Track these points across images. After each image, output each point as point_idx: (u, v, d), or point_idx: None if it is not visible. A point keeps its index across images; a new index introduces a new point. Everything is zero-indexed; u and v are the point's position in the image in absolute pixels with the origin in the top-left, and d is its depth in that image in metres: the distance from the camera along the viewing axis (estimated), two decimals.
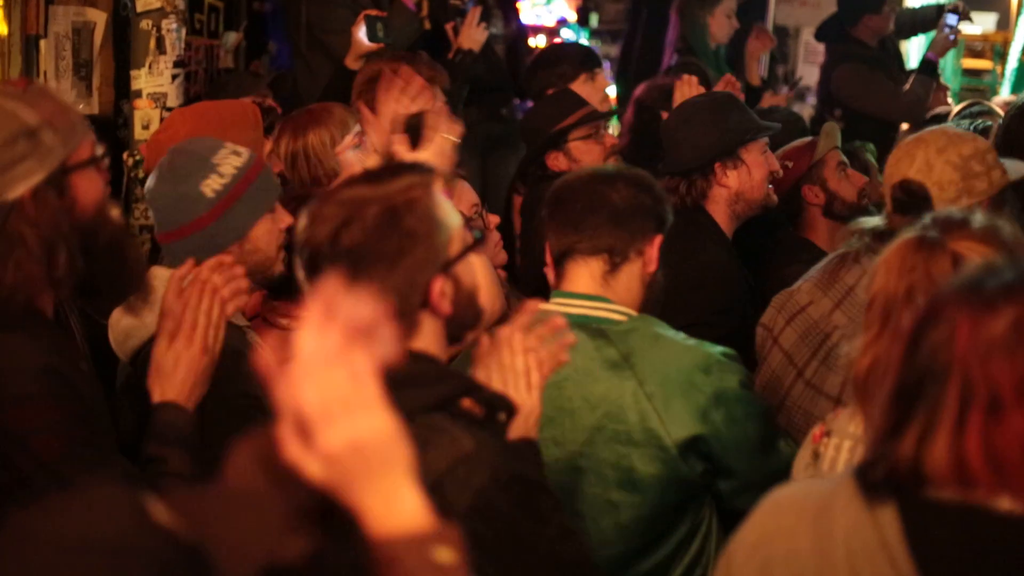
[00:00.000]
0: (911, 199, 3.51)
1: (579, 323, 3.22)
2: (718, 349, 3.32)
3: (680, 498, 3.31)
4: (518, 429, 2.70)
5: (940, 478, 1.86)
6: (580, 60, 5.95)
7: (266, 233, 3.41)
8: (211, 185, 3.29)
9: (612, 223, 3.33)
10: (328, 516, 1.72)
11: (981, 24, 11.68)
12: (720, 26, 7.47)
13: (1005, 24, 10.56)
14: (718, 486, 3.33)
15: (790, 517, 2.08)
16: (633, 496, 3.26)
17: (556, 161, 5.17)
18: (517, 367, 2.71)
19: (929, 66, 7.83)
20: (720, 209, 4.51)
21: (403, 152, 3.28)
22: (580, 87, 5.70)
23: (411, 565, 1.65)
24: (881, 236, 3.51)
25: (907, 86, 7.73)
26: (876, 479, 1.94)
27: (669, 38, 7.53)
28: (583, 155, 5.15)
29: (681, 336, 3.34)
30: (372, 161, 3.97)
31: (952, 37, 7.83)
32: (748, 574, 2.09)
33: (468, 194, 4.12)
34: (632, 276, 3.34)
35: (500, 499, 2.45)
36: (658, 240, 3.35)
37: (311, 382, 1.63)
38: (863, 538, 1.94)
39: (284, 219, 3.43)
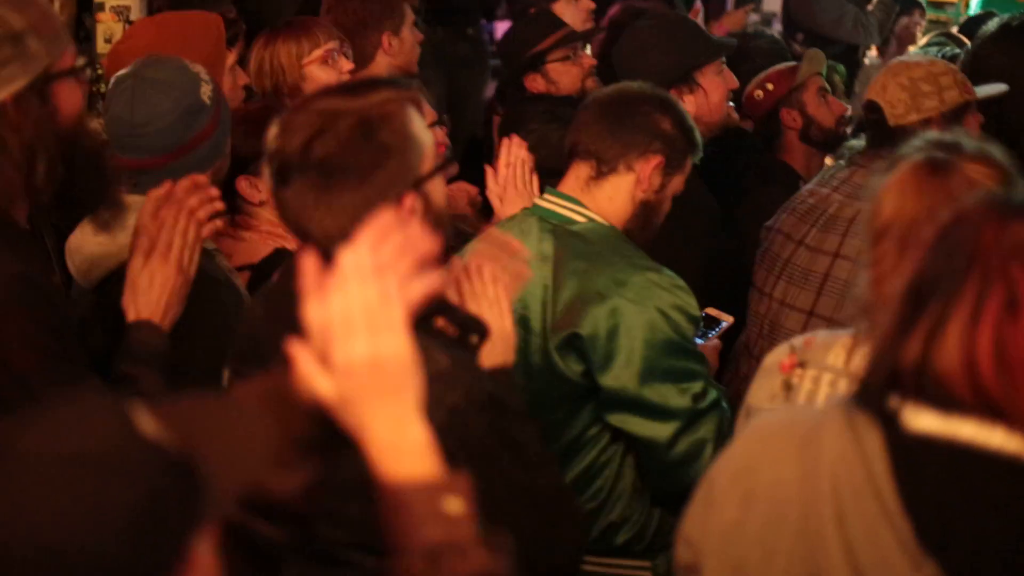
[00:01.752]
0: (873, 116, 3.90)
1: (543, 216, 3.45)
2: (663, 277, 3.31)
3: (561, 394, 3.36)
4: (496, 355, 2.71)
5: (949, 375, 1.84)
6: None
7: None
8: (206, 92, 3.25)
9: (608, 131, 3.43)
10: (327, 449, 1.71)
11: None
12: None
13: None
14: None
15: (776, 445, 2.06)
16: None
17: (534, 83, 5.16)
18: (489, 295, 2.74)
19: None
20: None
21: None
22: (563, 8, 5.71)
23: (420, 513, 1.66)
24: (854, 156, 4.02)
25: (870, 7, 7.78)
26: (876, 385, 1.93)
27: None
28: (561, 76, 5.16)
29: (632, 255, 3.36)
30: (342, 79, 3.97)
31: None
32: (731, 501, 2.07)
33: (428, 109, 4.10)
34: (618, 189, 3.43)
35: (474, 419, 2.43)
36: (655, 161, 3.41)
37: (341, 294, 1.65)
38: (849, 471, 1.92)
39: None
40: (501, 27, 7.69)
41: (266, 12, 5.79)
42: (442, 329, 2.51)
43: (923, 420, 1.87)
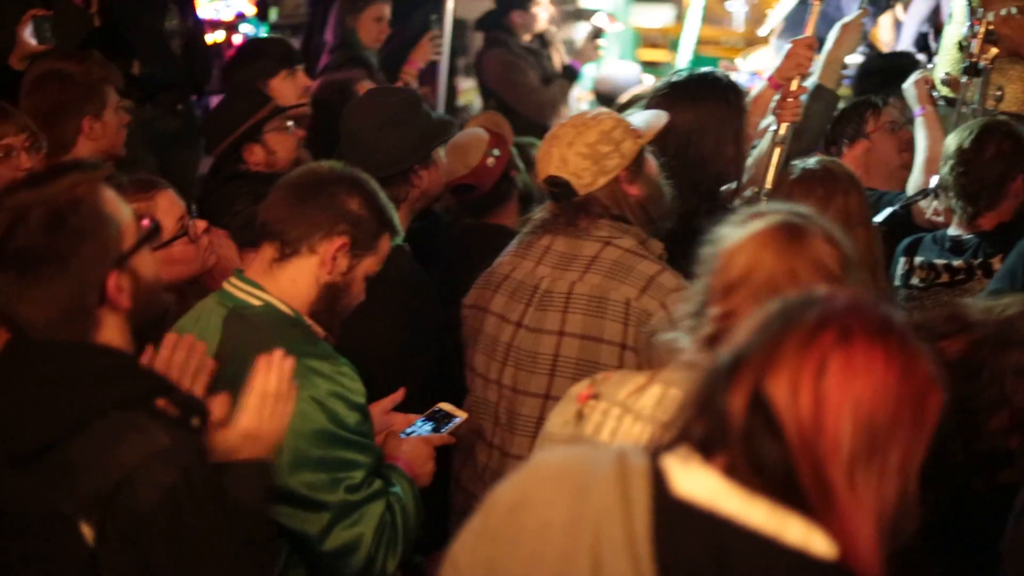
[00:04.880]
0: (559, 190, 3.89)
1: (221, 300, 3.36)
2: (324, 363, 3.23)
3: None
4: (252, 449, 2.71)
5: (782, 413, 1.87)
6: (280, 56, 5.95)
7: None
8: None
9: (292, 212, 3.34)
10: None
11: (661, 18, 12.10)
12: (368, 30, 7.53)
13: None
14: None
15: (552, 485, 2.06)
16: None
17: (252, 154, 5.15)
18: (272, 390, 2.73)
19: (571, 72, 8.26)
20: (404, 209, 4.47)
21: None
22: (280, 83, 5.74)
23: None
24: (546, 223, 3.98)
25: (551, 86, 8.12)
26: (681, 430, 1.96)
27: (326, 39, 7.57)
28: (278, 146, 5.18)
29: (296, 340, 3.23)
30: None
31: (598, 48, 8.40)
32: (502, 535, 2.07)
33: (175, 206, 4.02)
34: (301, 272, 3.34)
35: (189, 501, 2.46)
36: (340, 242, 3.33)
37: None
38: (612, 526, 1.94)
39: None
40: (216, 101, 7.66)
41: None
42: (163, 409, 2.52)
43: (693, 483, 1.91)
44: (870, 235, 3.93)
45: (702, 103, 4.32)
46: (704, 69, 4.56)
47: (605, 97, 8.36)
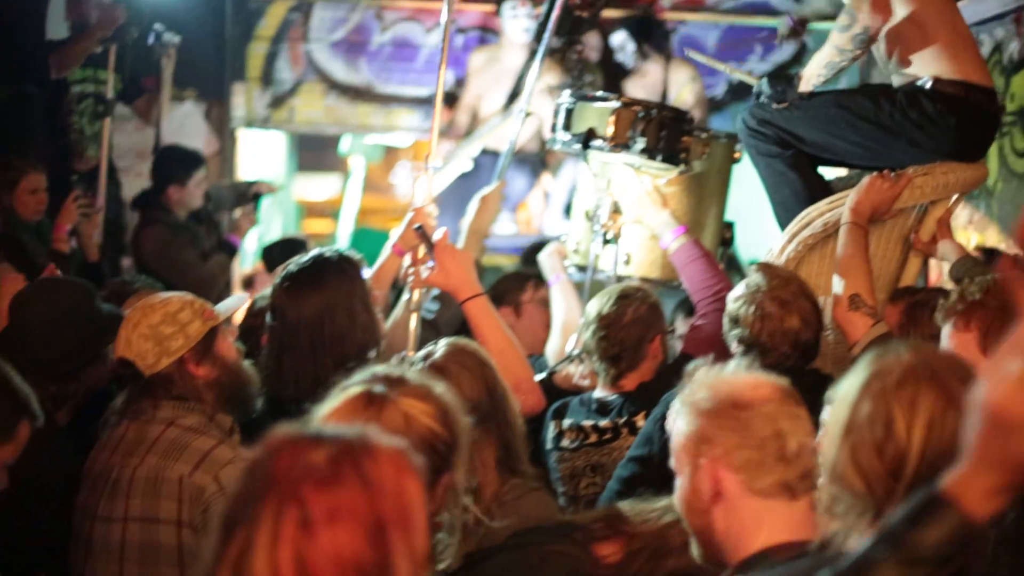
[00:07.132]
0: (128, 372, 3.94)
1: None
2: None
3: None
4: None
5: None
6: None
7: None
8: None
9: None
10: None
11: (325, 190, 12.23)
12: (25, 205, 7.42)
13: None
14: None
15: None
16: None
17: None
18: None
19: (229, 247, 8.37)
20: (72, 403, 4.46)
21: None
22: None
23: None
24: (121, 411, 4.01)
25: (209, 262, 8.20)
26: None
27: None
28: None
29: None
30: None
31: (254, 217, 8.55)
32: None
33: None
34: None
35: None
36: None
37: None
38: None
39: None
40: None
41: None
42: None
43: None
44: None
45: (324, 284, 4.33)
46: (312, 252, 4.48)
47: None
